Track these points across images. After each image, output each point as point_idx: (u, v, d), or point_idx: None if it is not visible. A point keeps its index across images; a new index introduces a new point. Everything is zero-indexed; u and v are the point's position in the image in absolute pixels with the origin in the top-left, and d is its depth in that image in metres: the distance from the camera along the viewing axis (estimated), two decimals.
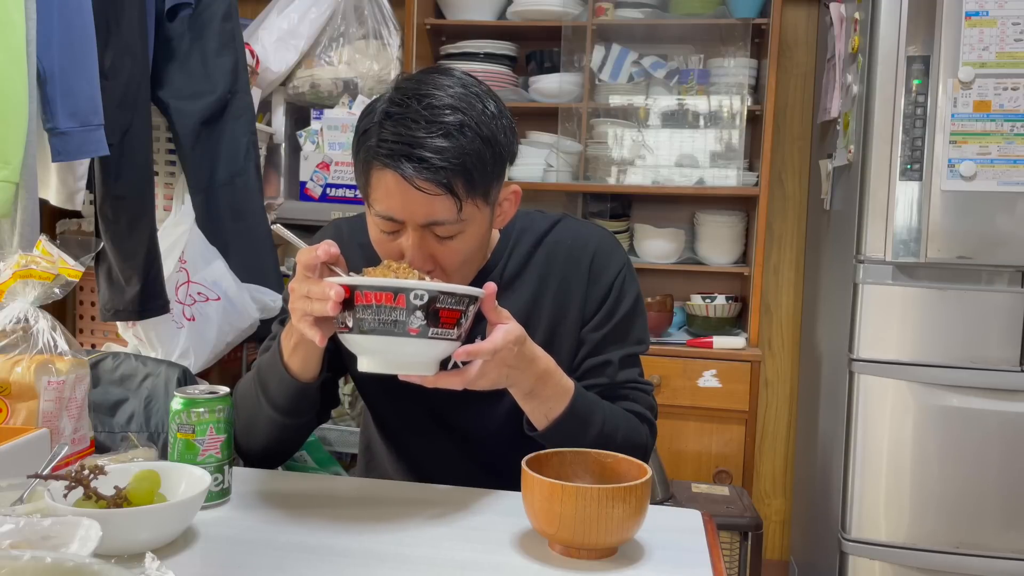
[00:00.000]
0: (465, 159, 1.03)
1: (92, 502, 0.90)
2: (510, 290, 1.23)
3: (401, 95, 1.06)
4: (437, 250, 1.08)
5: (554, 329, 1.23)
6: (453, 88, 1.07)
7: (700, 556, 0.99)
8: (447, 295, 0.96)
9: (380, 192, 1.06)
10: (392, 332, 0.95)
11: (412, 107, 1.04)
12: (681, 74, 2.77)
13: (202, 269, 2.00)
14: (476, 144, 1.04)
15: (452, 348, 0.99)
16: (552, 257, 1.24)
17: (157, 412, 1.67)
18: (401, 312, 0.94)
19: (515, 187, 1.18)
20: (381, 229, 1.09)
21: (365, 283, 0.95)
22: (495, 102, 1.10)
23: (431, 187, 1.02)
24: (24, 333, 1.13)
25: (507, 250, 1.24)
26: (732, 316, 2.73)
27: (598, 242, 1.26)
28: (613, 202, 2.90)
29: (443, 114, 1.03)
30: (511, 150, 1.12)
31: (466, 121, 1.04)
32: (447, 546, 0.98)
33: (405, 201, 1.04)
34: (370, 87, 2.68)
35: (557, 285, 1.23)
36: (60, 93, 1.57)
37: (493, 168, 1.08)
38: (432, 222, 1.05)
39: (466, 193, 1.05)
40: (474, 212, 1.08)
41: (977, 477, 2.10)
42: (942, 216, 2.04)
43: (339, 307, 0.95)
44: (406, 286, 0.94)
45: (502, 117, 1.10)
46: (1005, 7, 2.00)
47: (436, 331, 0.96)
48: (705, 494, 2.32)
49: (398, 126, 1.03)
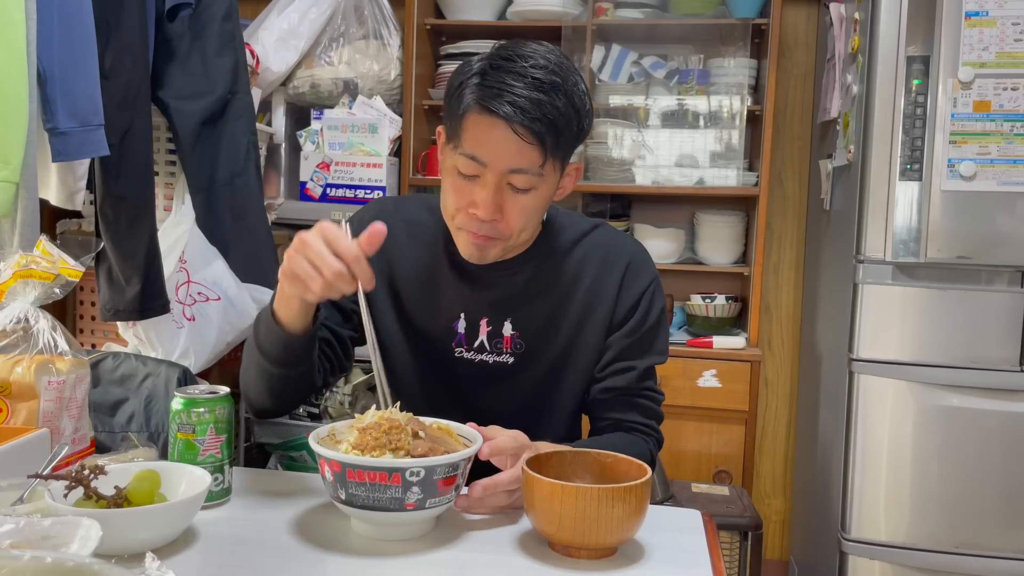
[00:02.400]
0: (558, 118, 1.10)
1: (92, 502, 0.90)
2: (544, 278, 1.27)
3: (506, 50, 1.13)
4: (508, 202, 1.14)
5: (580, 326, 1.27)
6: (553, 56, 1.13)
7: (700, 556, 0.99)
8: (443, 466, 0.95)
9: (472, 132, 1.11)
10: (388, 508, 0.94)
11: (516, 63, 1.11)
12: (681, 74, 2.77)
13: (202, 269, 1.99)
14: (568, 109, 1.11)
15: (450, 505, 1.00)
16: (588, 258, 1.28)
17: (157, 412, 1.67)
18: (396, 490, 0.93)
19: (578, 164, 1.24)
20: (461, 171, 1.14)
21: (358, 463, 0.94)
22: (583, 82, 1.17)
23: (527, 133, 1.09)
24: (24, 333, 1.13)
25: (548, 237, 1.28)
26: (732, 316, 2.73)
27: (632, 253, 1.31)
28: (613, 202, 2.90)
29: (543, 74, 1.10)
30: (588, 129, 1.19)
31: (562, 86, 1.11)
32: (447, 546, 0.98)
33: (497, 145, 1.10)
34: (370, 87, 2.68)
35: (589, 285, 1.27)
36: (60, 93, 1.57)
37: (575, 137, 1.15)
38: (515, 169, 1.11)
39: (552, 150, 1.11)
40: (551, 171, 1.14)
41: (977, 477, 2.10)
42: (942, 216, 2.04)
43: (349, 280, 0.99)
44: (401, 466, 0.93)
45: (587, 96, 1.17)
46: (1005, 7, 2.00)
47: (433, 500, 0.96)
48: (705, 494, 2.32)
49: (504, 75, 1.10)
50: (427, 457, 0.96)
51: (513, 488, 1.05)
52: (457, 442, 1.04)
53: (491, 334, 1.27)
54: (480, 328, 1.27)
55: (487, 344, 1.27)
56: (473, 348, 1.28)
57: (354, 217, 1.33)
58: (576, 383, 1.30)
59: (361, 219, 1.31)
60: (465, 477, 1.01)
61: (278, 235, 2.32)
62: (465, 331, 1.28)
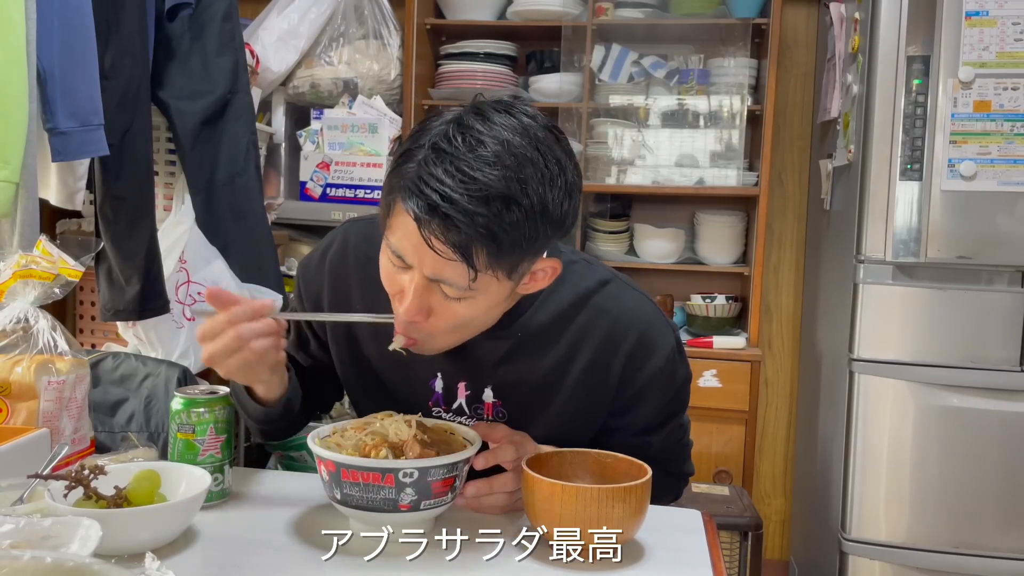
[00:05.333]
0: (497, 230, 0.89)
1: (92, 502, 0.90)
2: (533, 346, 1.10)
3: (458, 128, 0.91)
4: (437, 306, 0.97)
5: (577, 405, 1.13)
6: (513, 137, 0.91)
7: (700, 556, 0.99)
8: (439, 468, 0.95)
9: (397, 227, 0.94)
10: (382, 509, 0.94)
11: (459, 151, 0.89)
12: (681, 74, 2.77)
13: (202, 269, 1.99)
14: (515, 215, 0.89)
15: (447, 507, 1.00)
16: (591, 325, 1.10)
17: (157, 412, 1.67)
18: (390, 491, 0.93)
19: (555, 263, 1.01)
20: (391, 261, 0.98)
21: (351, 463, 0.94)
22: (561, 157, 0.94)
23: (446, 250, 0.90)
24: (24, 333, 1.13)
25: (539, 298, 1.09)
26: (732, 316, 2.73)
27: (646, 323, 1.11)
28: (613, 202, 2.90)
29: (489, 170, 0.88)
30: (562, 222, 0.95)
31: (512, 183, 0.89)
32: (447, 546, 0.98)
33: (418, 249, 0.92)
34: (370, 87, 2.68)
35: (588, 360, 1.10)
36: (60, 93, 1.57)
37: (530, 243, 0.93)
38: (439, 279, 0.94)
39: (487, 265, 0.91)
40: (490, 283, 0.94)
41: (977, 477, 2.10)
42: (942, 216, 2.04)
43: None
44: (394, 467, 0.93)
45: (561, 177, 0.93)
46: (1005, 7, 2.00)
47: (429, 502, 0.95)
48: (705, 494, 2.32)
49: (437, 167, 0.89)
50: (422, 458, 0.96)
51: (511, 490, 1.04)
52: (459, 444, 1.04)
53: (470, 398, 1.14)
54: (459, 390, 1.14)
55: (466, 407, 1.14)
56: (452, 410, 1.15)
57: (303, 263, 1.24)
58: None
59: (307, 265, 1.21)
60: (463, 479, 1.00)
61: (278, 235, 2.32)
62: (442, 391, 1.14)
